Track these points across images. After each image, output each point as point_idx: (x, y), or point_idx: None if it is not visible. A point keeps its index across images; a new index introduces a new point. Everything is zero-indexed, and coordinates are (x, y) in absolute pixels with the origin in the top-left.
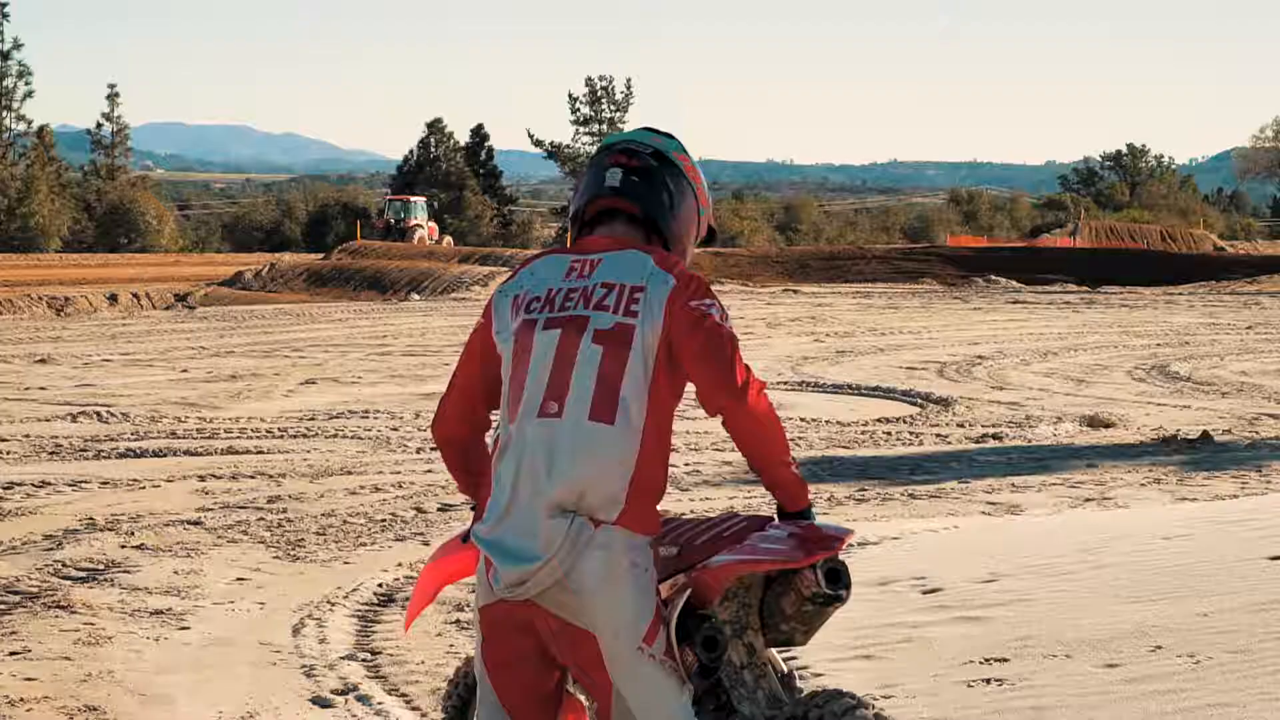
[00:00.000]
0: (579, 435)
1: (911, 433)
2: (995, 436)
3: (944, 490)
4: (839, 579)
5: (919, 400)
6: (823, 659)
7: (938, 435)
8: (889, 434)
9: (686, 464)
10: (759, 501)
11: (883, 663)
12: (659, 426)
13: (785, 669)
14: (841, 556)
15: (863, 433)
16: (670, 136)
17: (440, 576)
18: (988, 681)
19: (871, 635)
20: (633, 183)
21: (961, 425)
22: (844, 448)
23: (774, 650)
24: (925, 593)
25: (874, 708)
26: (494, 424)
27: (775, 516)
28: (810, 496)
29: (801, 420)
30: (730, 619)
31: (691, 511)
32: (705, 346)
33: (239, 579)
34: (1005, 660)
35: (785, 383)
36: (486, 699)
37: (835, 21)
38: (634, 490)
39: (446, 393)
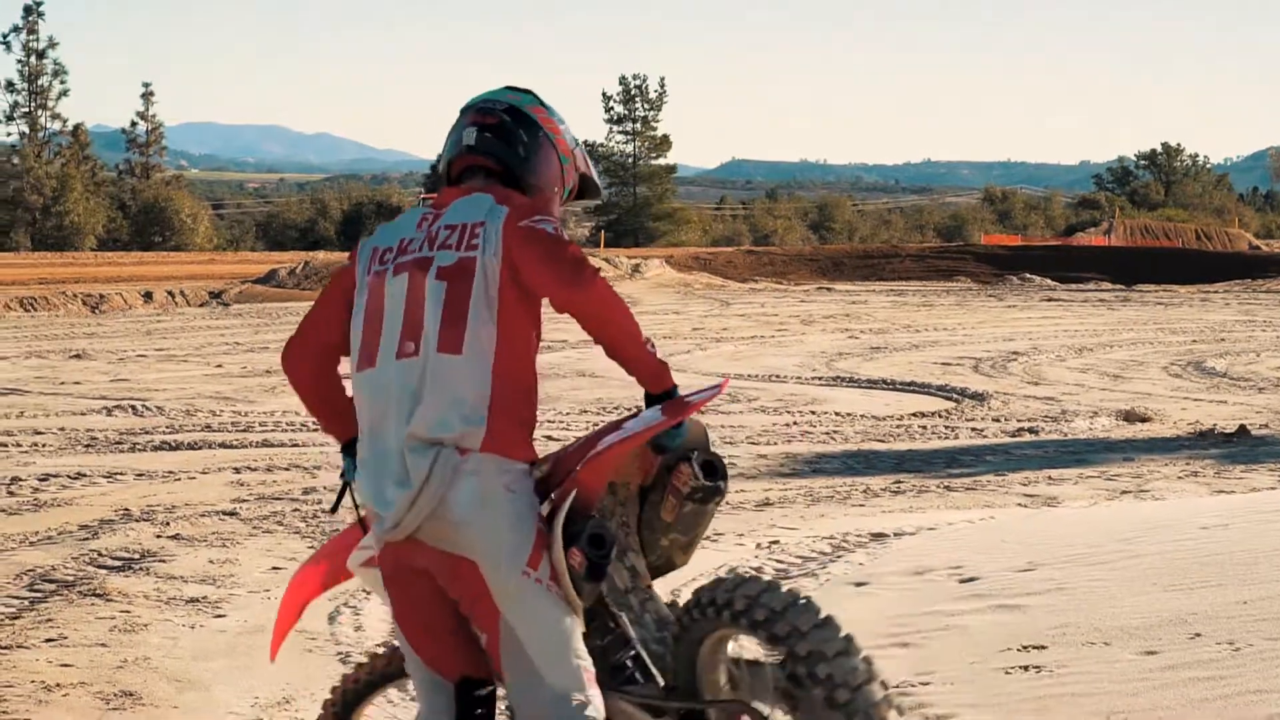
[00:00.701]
0: (431, 368)
1: (947, 427)
2: (1031, 430)
3: (980, 483)
4: (715, 470)
5: (954, 395)
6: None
7: (973, 429)
8: (924, 428)
9: (723, 458)
10: (795, 491)
11: (920, 650)
12: (514, 354)
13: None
14: (720, 454)
15: (898, 426)
16: (527, 92)
17: (310, 585)
18: (1025, 669)
19: (908, 623)
20: (486, 139)
21: (997, 420)
22: (879, 441)
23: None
24: (962, 581)
25: (774, 579)
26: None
27: (643, 405)
28: (675, 380)
29: (836, 414)
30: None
31: (726, 503)
32: (540, 252)
33: (274, 568)
34: (1043, 648)
35: (819, 378)
36: (409, 655)
37: (869, 21)
38: (495, 417)
39: (301, 329)
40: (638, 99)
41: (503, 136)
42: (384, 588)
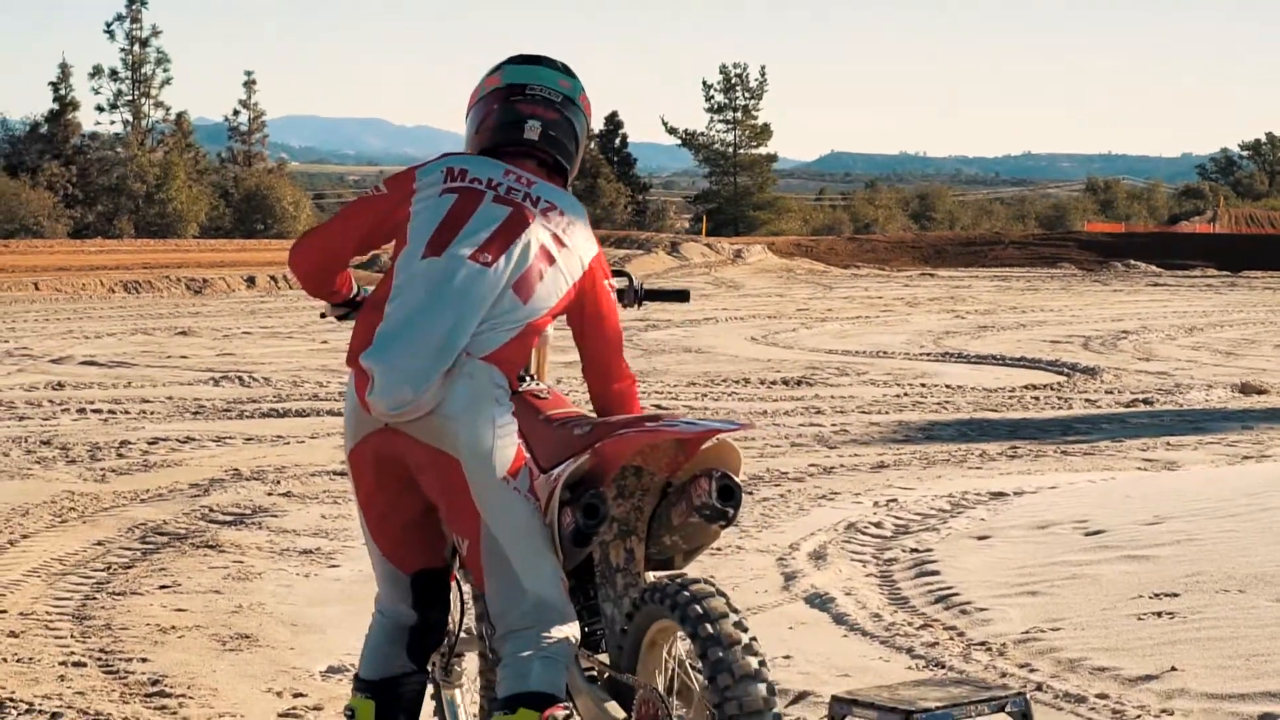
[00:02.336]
0: (502, 297)
1: (1060, 398)
2: (1146, 401)
3: (1097, 448)
4: (731, 496)
5: (1065, 370)
6: (986, 595)
7: (1086, 400)
8: (1037, 399)
9: (834, 425)
10: (909, 455)
11: (1049, 598)
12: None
13: None
14: (740, 478)
15: (1010, 397)
16: (571, 75)
17: None
18: (1159, 615)
19: (1036, 573)
20: (551, 138)
21: (1110, 392)
22: (992, 411)
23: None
24: (1088, 534)
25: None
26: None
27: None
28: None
29: (946, 387)
30: (620, 518)
31: (841, 465)
32: (614, 328)
33: None
34: (1175, 595)
35: (928, 354)
36: (370, 544)
37: (968, 12)
38: (507, 347)
39: (314, 236)
40: (738, 88)
41: (565, 134)
42: (357, 473)
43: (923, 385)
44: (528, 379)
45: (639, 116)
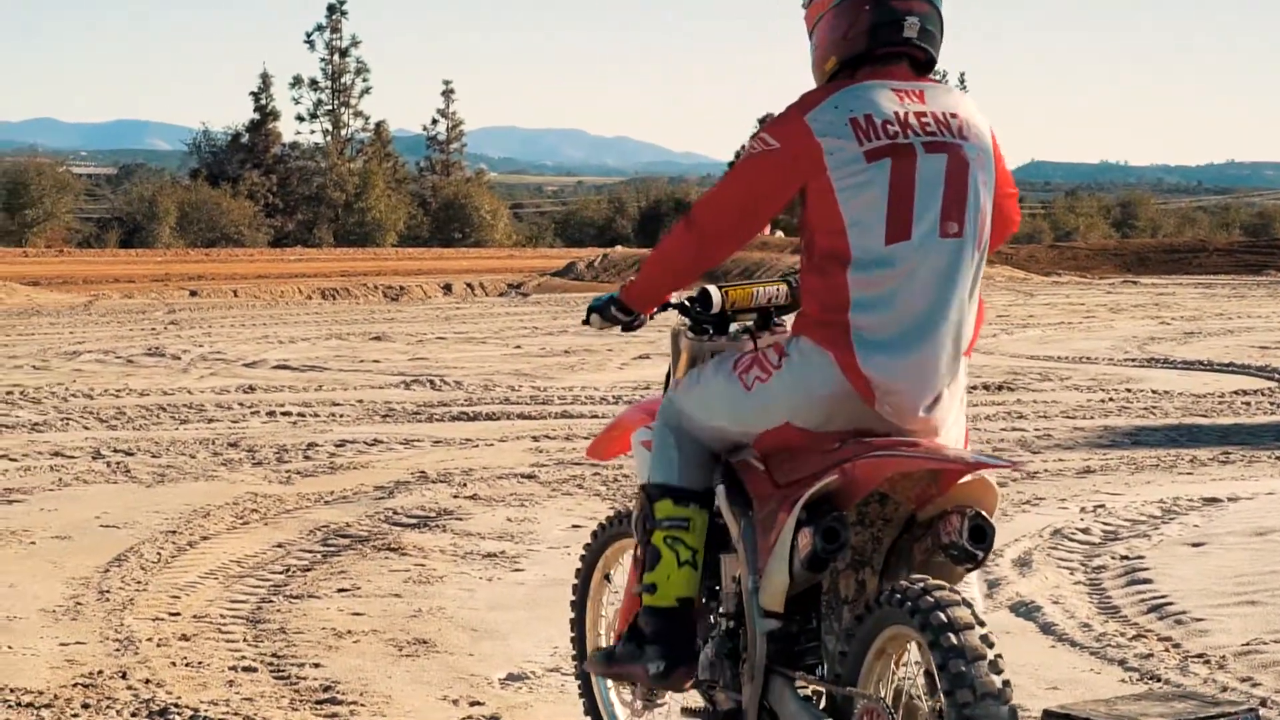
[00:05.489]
0: (976, 261)
1: (1272, 404)
2: None
3: None
4: (983, 538)
5: (1277, 376)
6: (1203, 605)
7: None
8: (1248, 404)
9: (1037, 430)
10: (1116, 460)
11: (1270, 609)
12: None
13: None
14: (995, 521)
15: (1220, 403)
16: None
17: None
18: None
19: (1254, 582)
20: (927, 33)
21: None
22: (1201, 416)
23: None
24: None
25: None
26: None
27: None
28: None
29: (1153, 392)
30: (856, 547)
31: (1045, 470)
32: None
33: (574, 526)
34: None
35: (1132, 360)
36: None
37: (1170, 19)
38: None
39: (725, 222)
40: None
41: (936, 26)
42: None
43: (1128, 390)
44: None
45: None
